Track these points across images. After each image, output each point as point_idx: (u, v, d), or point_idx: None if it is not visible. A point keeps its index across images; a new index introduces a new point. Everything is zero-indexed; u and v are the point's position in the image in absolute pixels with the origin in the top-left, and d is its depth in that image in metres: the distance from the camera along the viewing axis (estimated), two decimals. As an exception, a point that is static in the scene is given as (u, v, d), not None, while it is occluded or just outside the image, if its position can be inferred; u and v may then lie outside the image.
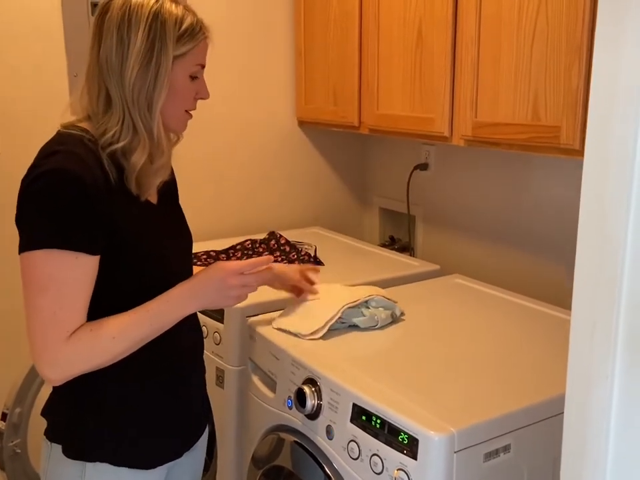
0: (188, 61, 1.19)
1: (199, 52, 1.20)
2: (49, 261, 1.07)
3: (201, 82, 1.25)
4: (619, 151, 0.67)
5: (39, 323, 1.09)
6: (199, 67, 1.22)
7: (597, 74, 0.69)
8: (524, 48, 1.60)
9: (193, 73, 1.21)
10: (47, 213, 1.06)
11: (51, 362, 1.10)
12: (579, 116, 1.49)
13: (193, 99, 1.24)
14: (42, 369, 1.11)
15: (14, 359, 1.95)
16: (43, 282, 1.08)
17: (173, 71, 1.17)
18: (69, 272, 1.08)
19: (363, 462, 1.26)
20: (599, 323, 0.71)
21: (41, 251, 1.07)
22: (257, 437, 1.60)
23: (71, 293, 1.09)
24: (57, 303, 1.08)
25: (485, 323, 1.66)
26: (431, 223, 2.45)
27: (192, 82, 1.22)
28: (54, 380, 1.14)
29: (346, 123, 2.29)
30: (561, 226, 1.95)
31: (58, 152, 1.10)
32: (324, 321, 1.51)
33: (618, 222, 0.68)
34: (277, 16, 2.49)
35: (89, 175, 1.09)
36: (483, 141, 1.77)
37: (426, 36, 1.90)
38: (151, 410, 1.25)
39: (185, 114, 1.25)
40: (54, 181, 1.07)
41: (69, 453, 1.20)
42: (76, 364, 1.12)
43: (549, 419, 1.25)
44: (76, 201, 1.07)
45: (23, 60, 2.04)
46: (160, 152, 1.19)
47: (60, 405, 1.24)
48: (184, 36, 1.16)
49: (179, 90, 1.20)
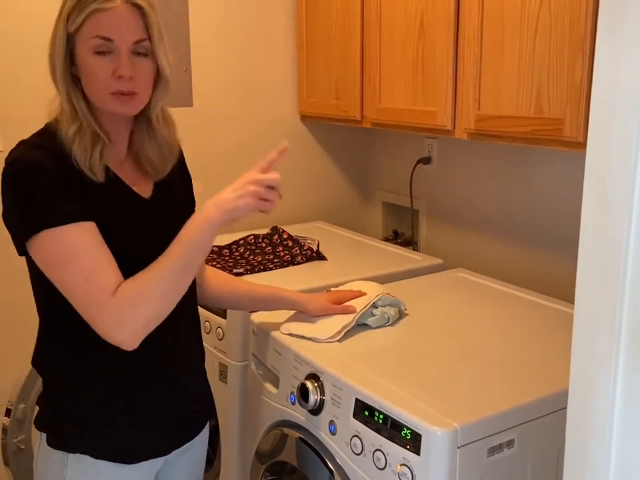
0: (84, 35, 1.15)
1: (92, 24, 1.14)
2: (54, 240, 1.10)
3: (115, 58, 1.15)
4: (622, 144, 0.66)
5: (80, 296, 1.11)
6: (99, 41, 1.14)
7: (599, 66, 0.69)
8: (527, 40, 1.59)
9: (95, 47, 1.14)
10: (24, 200, 1.10)
11: (111, 324, 1.10)
12: (582, 108, 1.48)
13: (109, 77, 1.15)
14: (109, 334, 1.11)
15: (17, 355, 1.95)
16: (59, 260, 1.10)
17: (75, 48, 1.16)
18: (76, 241, 1.10)
19: (366, 457, 1.25)
20: (602, 318, 0.71)
21: (42, 234, 1.09)
22: (260, 432, 1.60)
23: (92, 256, 1.11)
24: (83, 269, 1.10)
25: (488, 317, 1.65)
26: (434, 217, 2.45)
27: (100, 57, 1.15)
28: (126, 341, 1.11)
29: (348, 117, 2.28)
30: (563, 219, 1.95)
31: (22, 143, 1.16)
32: (341, 326, 1.50)
33: (621, 217, 0.67)
34: (279, 10, 2.48)
35: (48, 159, 1.12)
36: (486, 134, 1.77)
37: (428, 29, 1.88)
38: (135, 405, 1.24)
39: (106, 96, 1.17)
40: (17, 169, 1.11)
41: (52, 442, 1.22)
42: (131, 314, 1.10)
43: (553, 414, 1.25)
44: (41, 181, 1.10)
45: (26, 59, 2.04)
46: (87, 124, 1.18)
47: (47, 395, 1.26)
48: (73, 11, 1.14)
49: (85, 68, 1.16)
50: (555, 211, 1.98)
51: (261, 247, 2.20)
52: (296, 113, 2.59)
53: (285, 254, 2.12)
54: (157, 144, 1.27)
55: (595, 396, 0.73)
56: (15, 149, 1.15)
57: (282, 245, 2.20)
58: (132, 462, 1.24)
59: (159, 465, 1.30)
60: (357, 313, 1.53)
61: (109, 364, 1.20)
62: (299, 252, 2.12)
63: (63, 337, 1.21)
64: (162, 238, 1.18)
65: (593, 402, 0.73)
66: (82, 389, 1.22)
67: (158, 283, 1.12)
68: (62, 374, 1.23)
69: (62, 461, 1.21)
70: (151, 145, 1.27)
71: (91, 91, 1.18)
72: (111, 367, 1.21)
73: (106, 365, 1.21)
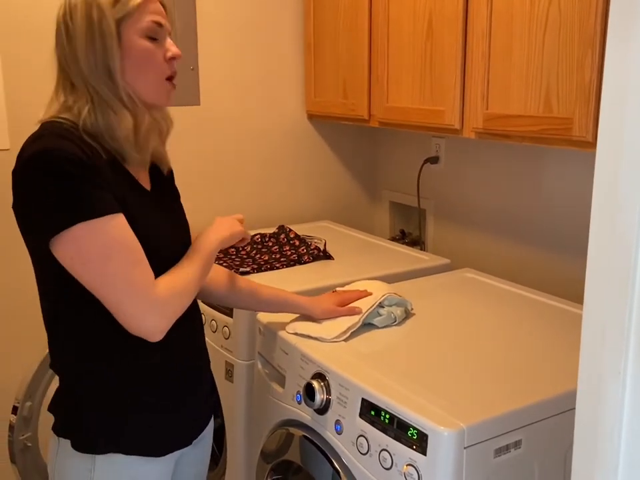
0: (134, 20, 1.15)
1: (143, 9, 1.15)
2: (91, 233, 1.07)
3: (165, 42, 1.19)
4: (633, 142, 0.66)
5: (120, 289, 1.09)
6: (152, 25, 1.16)
7: (609, 66, 0.68)
8: (536, 39, 1.58)
9: (146, 31, 1.16)
10: (57, 191, 1.05)
11: (151, 314, 1.11)
12: (591, 108, 1.47)
13: (162, 62, 1.19)
14: (144, 324, 1.11)
15: (24, 353, 1.96)
16: (100, 254, 1.08)
17: (122, 35, 1.14)
18: (115, 234, 1.09)
19: (372, 457, 1.25)
20: (611, 319, 0.70)
21: (78, 227, 1.06)
22: (266, 431, 1.60)
23: (130, 249, 1.11)
24: (125, 264, 1.09)
25: (495, 318, 1.65)
26: (442, 216, 2.44)
27: (152, 43, 1.17)
28: (159, 331, 1.13)
29: (356, 116, 2.27)
30: (572, 219, 1.94)
31: (42, 136, 1.10)
32: (347, 326, 1.50)
33: (631, 217, 0.67)
34: (286, 9, 2.48)
35: (78, 149, 1.09)
36: (494, 133, 1.76)
37: (436, 28, 1.88)
38: (161, 397, 1.24)
39: (161, 82, 1.20)
40: (47, 160, 1.06)
41: (78, 446, 1.20)
42: (173, 306, 1.16)
43: (561, 415, 1.24)
44: (77, 172, 1.06)
45: (33, 54, 2.04)
46: (141, 114, 1.18)
47: (67, 400, 1.24)
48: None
49: (138, 53, 1.16)
50: (563, 210, 1.97)
51: (267, 246, 2.20)
52: (303, 111, 2.58)
53: (292, 253, 2.12)
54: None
55: (604, 396, 0.72)
56: (32, 142, 1.10)
57: (289, 244, 2.19)
58: (160, 454, 1.25)
59: (177, 455, 1.30)
60: (363, 313, 1.52)
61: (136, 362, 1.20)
62: (306, 251, 2.12)
63: (77, 339, 1.19)
64: (164, 228, 1.24)
65: (602, 402, 0.73)
66: (106, 390, 1.20)
67: (190, 282, 1.20)
68: (83, 378, 1.21)
69: (89, 464, 1.19)
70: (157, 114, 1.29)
71: (146, 78, 1.18)
72: (132, 363, 1.21)
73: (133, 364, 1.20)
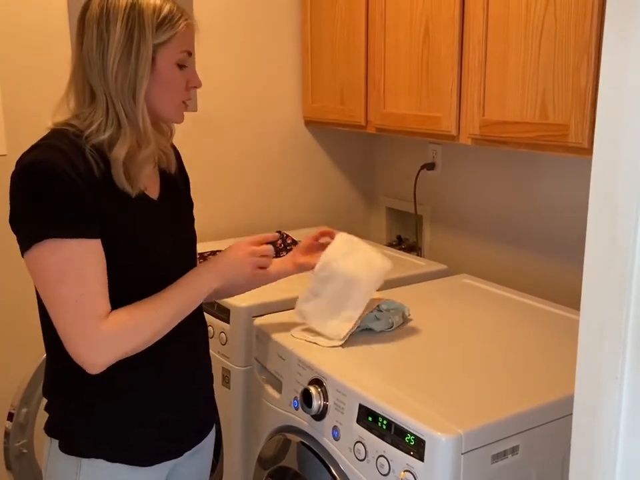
0: (171, 48, 1.17)
1: (181, 38, 1.18)
2: (54, 252, 1.07)
3: (190, 70, 1.23)
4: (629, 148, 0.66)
5: (66, 313, 1.09)
6: (184, 54, 1.20)
7: (605, 72, 0.68)
8: (532, 45, 1.59)
9: (179, 60, 1.19)
10: (35, 206, 1.07)
11: (90, 349, 1.10)
12: (587, 114, 1.47)
13: (184, 88, 1.23)
14: (82, 357, 1.11)
15: (20, 359, 1.95)
16: (57, 273, 1.08)
17: (157, 59, 1.16)
18: (79, 259, 1.08)
19: (370, 463, 1.25)
20: (608, 324, 0.71)
21: (43, 244, 1.07)
22: (263, 437, 1.60)
23: (87, 277, 1.10)
24: (77, 290, 1.09)
25: (492, 323, 1.65)
26: (438, 222, 2.44)
27: (180, 70, 1.20)
28: (95, 366, 1.12)
29: (353, 122, 2.28)
30: (569, 225, 1.94)
31: (39, 146, 1.12)
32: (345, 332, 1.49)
33: (628, 222, 0.67)
34: (284, 15, 2.48)
35: (68, 165, 1.09)
36: (491, 139, 1.76)
37: (433, 35, 1.88)
38: (149, 407, 1.24)
39: (179, 104, 1.24)
40: (35, 173, 1.08)
41: (65, 448, 1.21)
42: (115, 345, 1.12)
43: (558, 420, 1.24)
44: (58, 189, 1.07)
45: (31, 60, 2.04)
46: (146, 142, 1.19)
47: (58, 401, 1.25)
48: (163, 23, 1.15)
49: (168, 79, 1.19)
50: (559, 216, 1.97)
51: (264, 252, 2.19)
52: (300, 117, 2.59)
53: (289, 259, 2.12)
54: (163, 135, 1.30)
55: (601, 402, 0.72)
56: (28, 151, 1.12)
57: (286, 250, 2.19)
58: (147, 464, 1.24)
59: (170, 466, 1.30)
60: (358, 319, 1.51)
61: (121, 368, 1.20)
62: (303, 257, 2.11)
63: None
64: (165, 239, 1.23)
65: (599, 408, 0.73)
66: (94, 394, 1.21)
67: (149, 326, 1.16)
68: (78, 382, 1.21)
69: (75, 466, 1.20)
70: (161, 138, 1.29)
71: (165, 101, 1.20)
72: (123, 371, 1.20)
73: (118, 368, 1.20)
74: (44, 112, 1.20)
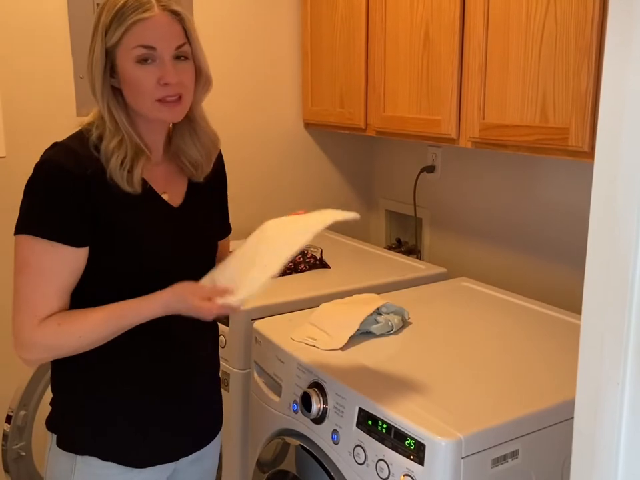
0: (125, 47, 1.14)
1: (134, 35, 1.13)
2: (26, 245, 1.13)
3: (161, 66, 1.15)
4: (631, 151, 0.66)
5: (16, 303, 1.14)
6: (142, 50, 1.14)
7: (607, 76, 0.68)
8: (532, 48, 1.59)
9: (137, 57, 1.14)
10: (31, 201, 1.13)
11: (22, 343, 1.14)
12: (587, 118, 1.47)
13: (154, 85, 1.15)
14: (15, 347, 1.15)
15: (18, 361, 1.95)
16: (20, 265, 1.13)
17: (117, 60, 1.15)
18: (43, 259, 1.12)
19: (369, 467, 1.24)
20: (609, 329, 0.70)
21: (22, 236, 1.13)
22: (262, 440, 1.59)
23: (44, 278, 1.13)
24: (29, 286, 1.13)
25: (492, 327, 1.64)
26: (438, 225, 2.44)
27: (143, 67, 1.14)
28: (25, 360, 1.17)
29: (352, 125, 2.28)
30: (569, 229, 1.94)
31: (55, 145, 1.17)
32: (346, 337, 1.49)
33: (629, 226, 0.67)
34: (283, 18, 2.48)
35: (75, 166, 1.12)
36: (491, 142, 1.76)
37: (433, 38, 1.88)
38: (146, 410, 1.24)
39: (152, 104, 1.16)
40: (41, 171, 1.13)
41: (61, 443, 1.23)
42: (43, 350, 1.16)
43: (558, 424, 1.24)
44: (56, 191, 1.12)
45: (29, 62, 2.04)
46: (128, 138, 1.18)
47: (58, 396, 1.27)
48: (112, 24, 1.14)
49: (129, 78, 1.15)
50: (559, 220, 1.97)
51: (264, 255, 2.19)
52: (300, 120, 2.59)
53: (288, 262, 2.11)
54: (200, 143, 1.28)
55: (602, 406, 0.72)
56: (48, 148, 1.16)
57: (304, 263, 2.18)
58: (139, 466, 1.24)
59: (167, 472, 1.29)
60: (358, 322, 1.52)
61: (120, 368, 1.21)
62: (302, 260, 2.11)
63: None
64: (186, 248, 1.24)
65: (600, 412, 0.72)
66: (93, 393, 1.22)
67: (83, 341, 1.14)
68: (73, 379, 1.24)
69: (70, 462, 1.22)
70: (193, 144, 1.28)
71: (136, 101, 1.17)
72: (122, 372, 1.21)
73: (118, 369, 1.21)
74: (44, 113, 1.21)
